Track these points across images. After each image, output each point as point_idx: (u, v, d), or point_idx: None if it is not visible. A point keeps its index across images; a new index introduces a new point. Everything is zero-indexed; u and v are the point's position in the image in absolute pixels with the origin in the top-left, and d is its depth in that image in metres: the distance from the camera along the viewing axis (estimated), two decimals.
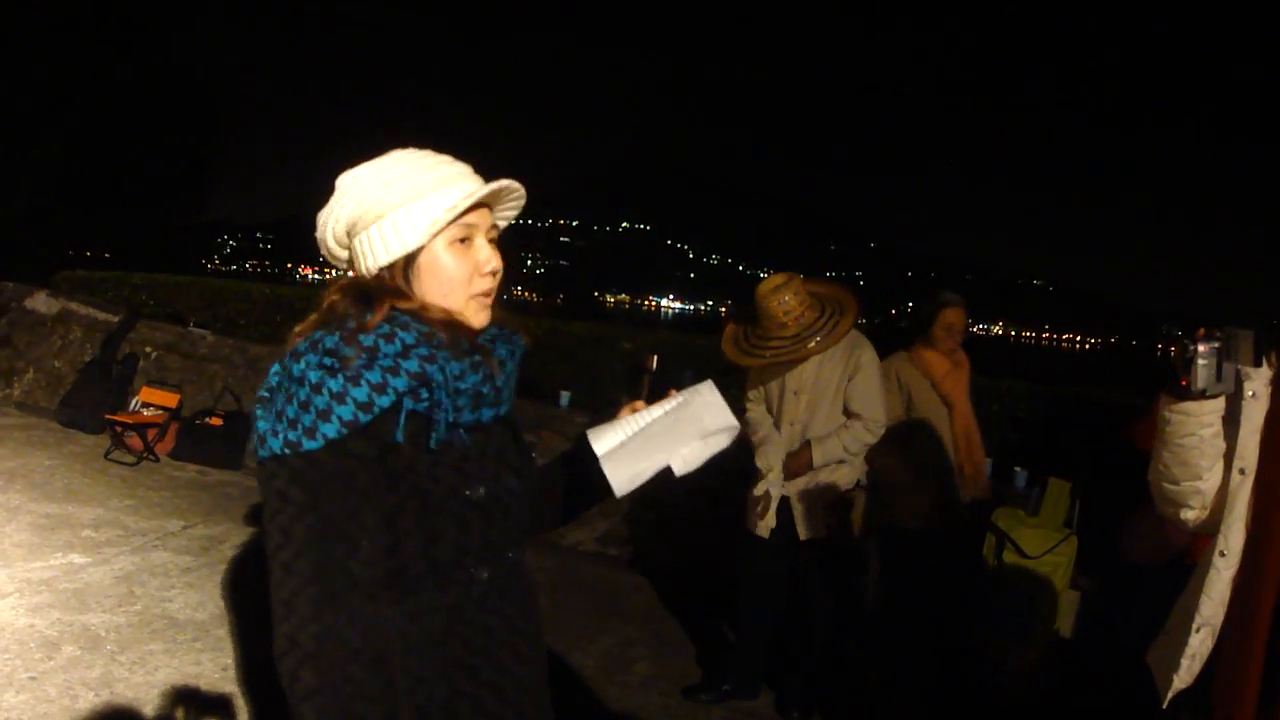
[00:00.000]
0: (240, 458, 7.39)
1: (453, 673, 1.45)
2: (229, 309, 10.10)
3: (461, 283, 1.50)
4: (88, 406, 7.79)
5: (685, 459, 1.59)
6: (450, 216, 1.46)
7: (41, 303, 8.97)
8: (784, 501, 3.89)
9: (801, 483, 3.86)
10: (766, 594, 4.02)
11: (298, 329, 1.44)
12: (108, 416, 7.42)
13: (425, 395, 1.40)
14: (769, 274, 3.87)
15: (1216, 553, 1.93)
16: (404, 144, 1.54)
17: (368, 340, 1.37)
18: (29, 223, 18.94)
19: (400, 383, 1.37)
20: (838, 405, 3.88)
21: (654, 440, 1.58)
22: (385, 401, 1.35)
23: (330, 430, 1.33)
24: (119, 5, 19.50)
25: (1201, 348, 1.84)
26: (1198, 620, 1.95)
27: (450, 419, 1.43)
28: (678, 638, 4.85)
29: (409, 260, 1.48)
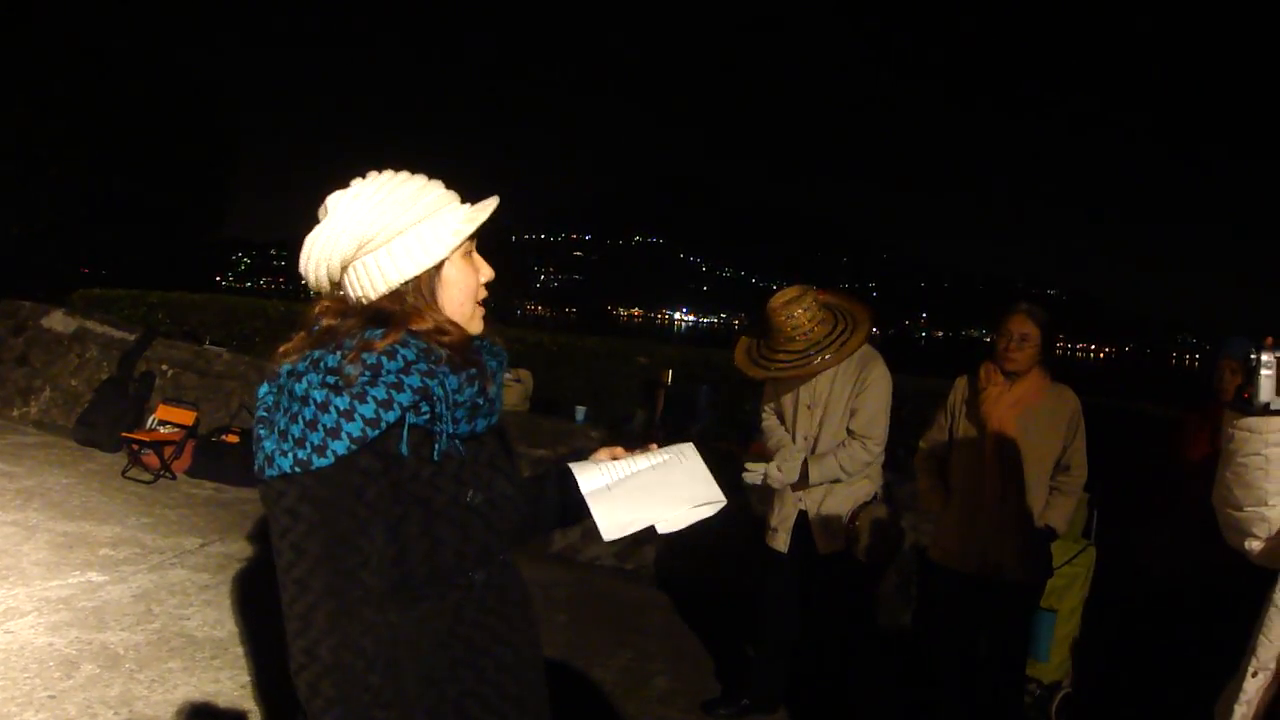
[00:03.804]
0: None
1: (460, 673, 1.52)
2: (244, 326, 10.16)
3: (472, 291, 1.59)
4: (104, 425, 7.83)
5: (671, 521, 1.65)
6: (472, 228, 1.55)
7: (58, 321, 9.03)
8: (801, 516, 3.88)
9: (819, 497, 3.84)
10: (785, 609, 4.01)
11: (283, 349, 1.48)
12: (124, 435, 7.45)
13: (426, 409, 1.44)
14: (781, 286, 3.85)
15: (1277, 589, 1.77)
16: (412, 162, 1.55)
17: (370, 358, 1.40)
18: (46, 241, 19.07)
19: (405, 398, 1.41)
20: (846, 420, 3.85)
21: (641, 494, 1.66)
22: (391, 417, 1.40)
23: (340, 447, 1.36)
24: (136, 25, 19.67)
25: (1265, 357, 1.70)
26: (1254, 664, 1.79)
27: (450, 431, 1.47)
28: (696, 653, 4.83)
29: (434, 272, 1.53)
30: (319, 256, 1.52)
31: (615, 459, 1.74)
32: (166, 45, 20.67)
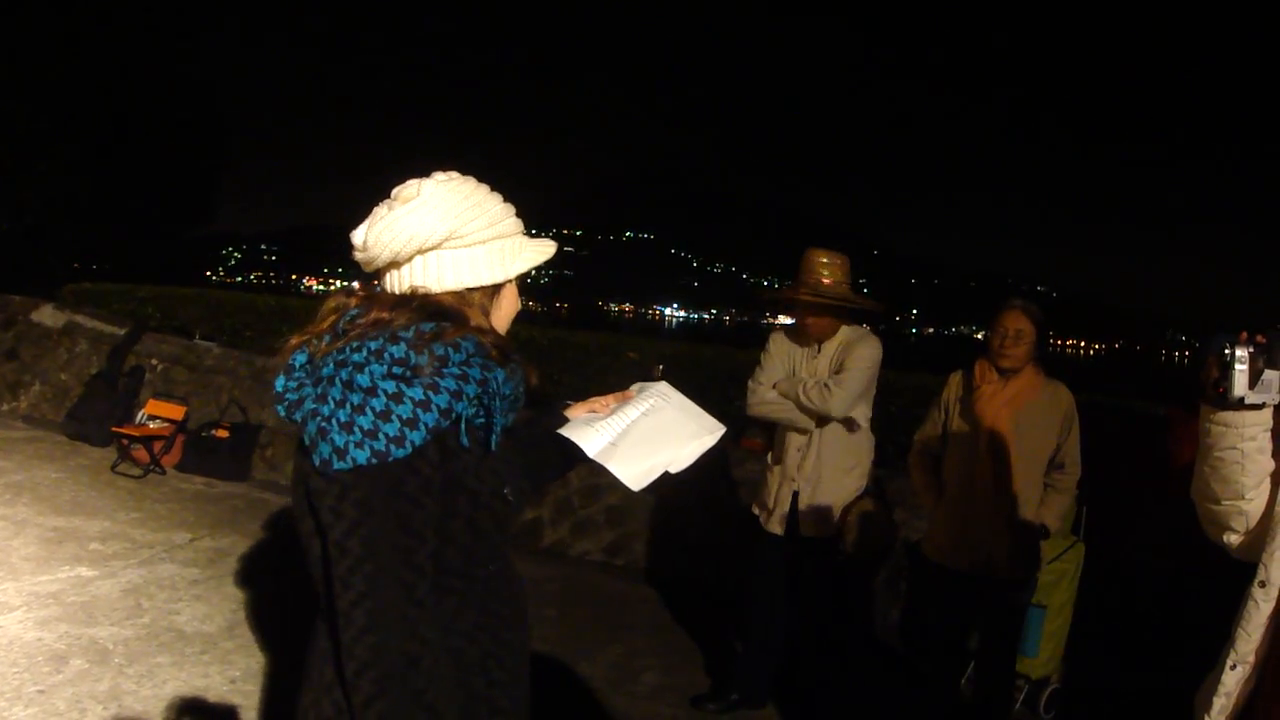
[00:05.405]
0: (247, 470, 7.40)
1: (488, 665, 1.53)
2: (234, 321, 10.12)
3: (512, 316, 1.66)
4: (94, 419, 7.79)
5: (680, 459, 1.74)
6: (542, 260, 1.62)
7: (48, 316, 8.99)
8: (794, 501, 3.89)
9: (812, 483, 3.86)
10: (774, 599, 4.01)
11: (298, 339, 1.48)
12: (114, 429, 7.42)
13: (478, 401, 1.46)
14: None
15: (1256, 583, 1.78)
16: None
17: (439, 349, 1.41)
18: (35, 236, 19.00)
19: (472, 389, 1.42)
20: None
21: (646, 442, 1.73)
22: (460, 407, 1.41)
23: (418, 438, 1.36)
24: (127, 20, 19.59)
25: (1239, 351, 1.70)
26: (1233, 656, 1.81)
27: (502, 424, 1.50)
28: (685, 648, 4.84)
29: (498, 287, 1.59)
30: (400, 230, 1.48)
31: (595, 411, 1.80)
32: (156, 41, 20.58)
